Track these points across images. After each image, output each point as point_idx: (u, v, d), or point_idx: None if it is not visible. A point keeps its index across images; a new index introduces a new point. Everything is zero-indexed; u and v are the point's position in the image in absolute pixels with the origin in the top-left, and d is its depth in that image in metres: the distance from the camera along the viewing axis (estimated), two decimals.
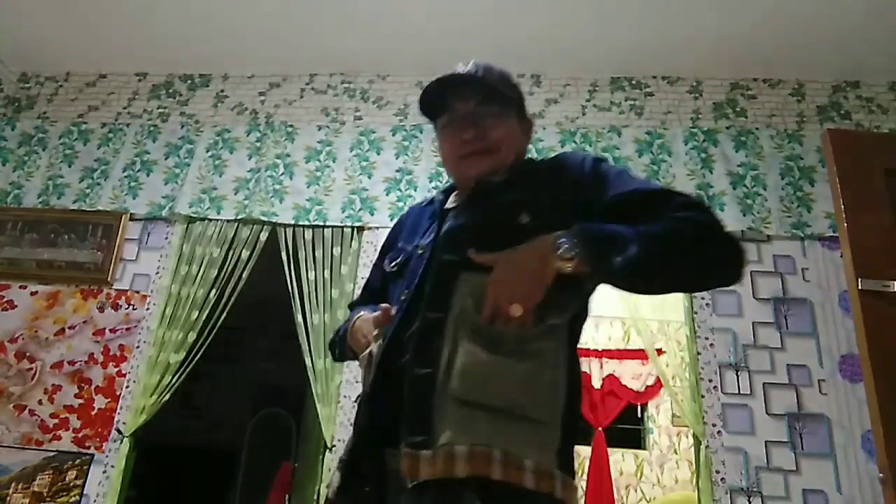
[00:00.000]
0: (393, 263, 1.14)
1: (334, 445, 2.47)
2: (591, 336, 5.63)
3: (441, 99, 1.12)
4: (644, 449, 5.94)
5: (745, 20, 2.63)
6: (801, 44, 2.74)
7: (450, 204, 1.15)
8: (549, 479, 0.87)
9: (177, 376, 2.65)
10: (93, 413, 2.62)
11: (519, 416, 0.88)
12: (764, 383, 2.42)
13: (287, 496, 3.52)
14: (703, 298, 2.56)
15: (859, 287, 1.78)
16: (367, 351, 1.02)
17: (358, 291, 2.71)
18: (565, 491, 0.89)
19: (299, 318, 2.68)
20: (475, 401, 0.88)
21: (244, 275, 2.79)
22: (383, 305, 1.03)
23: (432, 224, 1.11)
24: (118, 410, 2.62)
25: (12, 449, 2.59)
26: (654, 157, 2.79)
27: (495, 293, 0.87)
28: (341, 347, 1.19)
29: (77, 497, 2.49)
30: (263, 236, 2.85)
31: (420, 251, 1.07)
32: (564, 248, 0.88)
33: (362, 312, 1.12)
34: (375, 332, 1.02)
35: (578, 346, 1.02)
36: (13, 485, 2.53)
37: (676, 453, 5.65)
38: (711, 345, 2.49)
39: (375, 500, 0.93)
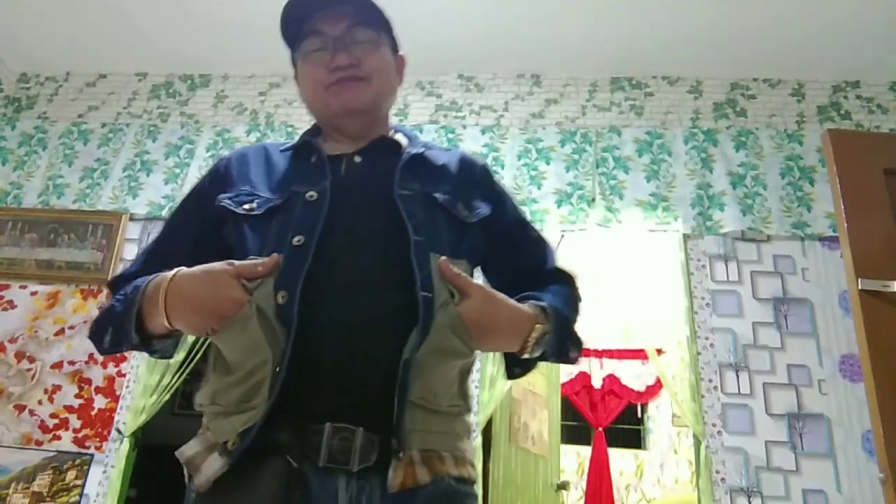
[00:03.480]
0: (252, 206, 0.90)
1: None
2: (592, 336, 5.64)
3: (304, 21, 0.97)
4: (644, 449, 5.95)
5: (745, 20, 2.63)
6: (801, 44, 2.74)
7: (337, 150, 0.96)
8: (472, 466, 0.87)
9: (177, 376, 2.65)
10: (93, 413, 2.62)
11: (460, 414, 0.86)
12: (764, 383, 2.42)
13: None
14: (703, 298, 2.56)
15: (859, 287, 1.77)
16: (253, 306, 0.78)
17: None
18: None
19: None
20: (430, 405, 0.80)
21: None
22: (274, 255, 0.81)
23: (315, 169, 0.93)
24: (118, 410, 2.62)
25: (12, 449, 2.59)
26: (654, 157, 2.79)
27: (474, 328, 0.82)
28: (124, 324, 0.83)
29: (77, 497, 2.49)
30: None
31: (311, 197, 0.88)
32: (540, 337, 0.86)
33: (181, 270, 0.81)
34: (254, 284, 0.79)
35: None
36: (13, 485, 2.53)
37: (676, 453, 5.65)
38: (711, 345, 2.49)
39: (297, 478, 0.74)
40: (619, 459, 5.66)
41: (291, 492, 0.72)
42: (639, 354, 5.63)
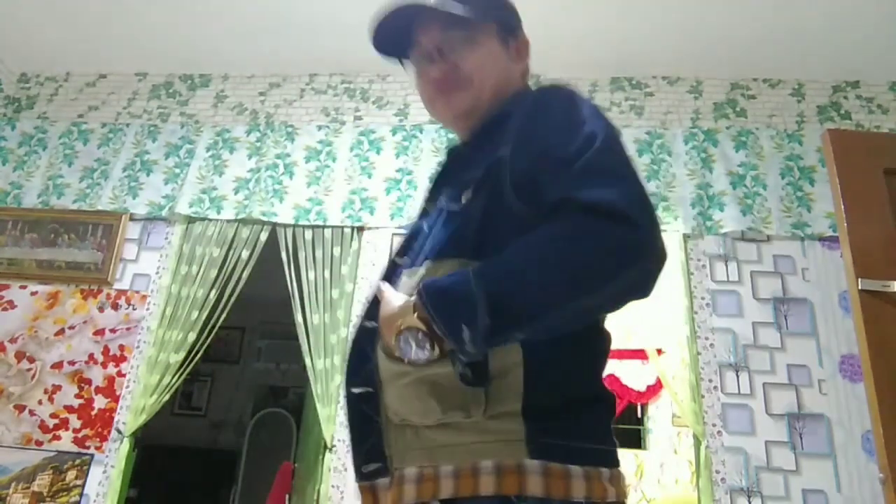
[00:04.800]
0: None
1: (334, 445, 2.47)
2: None
3: (405, 31, 0.93)
4: (644, 449, 5.94)
5: (745, 20, 2.63)
6: (801, 44, 2.74)
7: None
8: (515, 475, 0.70)
9: (177, 376, 2.65)
10: (93, 413, 2.62)
11: (459, 423, 0.73)
12: (764, 383, 2.42)
13: (287, 496, 3.52)
14: (703, 298, 2.56)
15: (859, 287, 1.77)
16: None
17: (358, 292, 2.71)
18: (549, 481, 0.69)
19: (299, 318, 2.67)
20: (410, 422, 0.76)
21: (244, 275, 2.79)
22: None
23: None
24: (118, 410, 2.62)
25: (12, 449, 2.59)
26: (654, 157, 2.79)
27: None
28: None
29: (77, 497, 2.49)
30: (263, 236, 2.85)
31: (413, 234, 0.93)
32: (401, 332, 0.72)
33: None
34: None
35: None
36: (13, 485, 2.53)
37: (676, 453, 5.65)
38: (711, 345, 2.49)
39: None
40: (620, 459, 5.65)
41: None
42: (639, 354, 5.61)
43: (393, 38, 0.93)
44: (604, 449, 0.77)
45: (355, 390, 0.81)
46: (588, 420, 0.77)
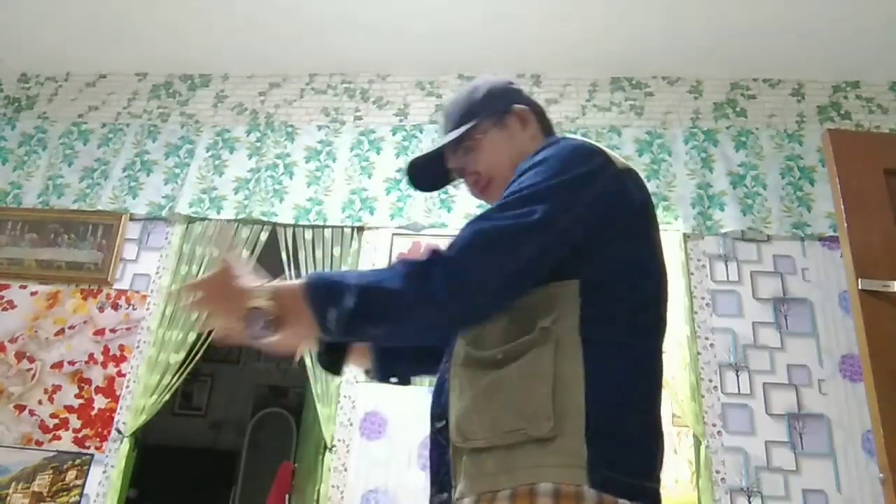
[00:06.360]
0: None
1: (334, 445, 2.47)
2: None
3: (443, 168, 1.14)
4: None
5: (745, 20, 2.63)
6: (801, 44, 2.74)
7: None
8: (573, 500, 0.73)
9: (177, 376, 2.65)
10: (93, 413, 2.62)
11: (519, 442, 0.77)
12: (764, 383, 2.42)
13: (287, 496, 3.52)
14: (703, 298, 2.56)
15: (859, 287, 1.77)
16: None
17: None
18: None
19: None
20: (473, 447, 0.81)
21: None
22: None
23: None
24: (118, 410, 2.62)
25: (12, 449, 2.59)
26: (654, 157, 2.79)
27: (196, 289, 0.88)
28: None
29: (77, 497, 2.49)
30: (263, 236, 2.85)
31: None
32: (259, 317, 0.81)
33: None
34: None
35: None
36: (13, 485, 2.53)
37: (676, 453, 5.64)
38: (711, 345, 2.49)
39: None
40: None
41: None
42: None
43: (434, 177, 1.15)
44: (653, 487, 0.80)
45: (437, 424, 0.91)
46: (644, 453, 0.81)
